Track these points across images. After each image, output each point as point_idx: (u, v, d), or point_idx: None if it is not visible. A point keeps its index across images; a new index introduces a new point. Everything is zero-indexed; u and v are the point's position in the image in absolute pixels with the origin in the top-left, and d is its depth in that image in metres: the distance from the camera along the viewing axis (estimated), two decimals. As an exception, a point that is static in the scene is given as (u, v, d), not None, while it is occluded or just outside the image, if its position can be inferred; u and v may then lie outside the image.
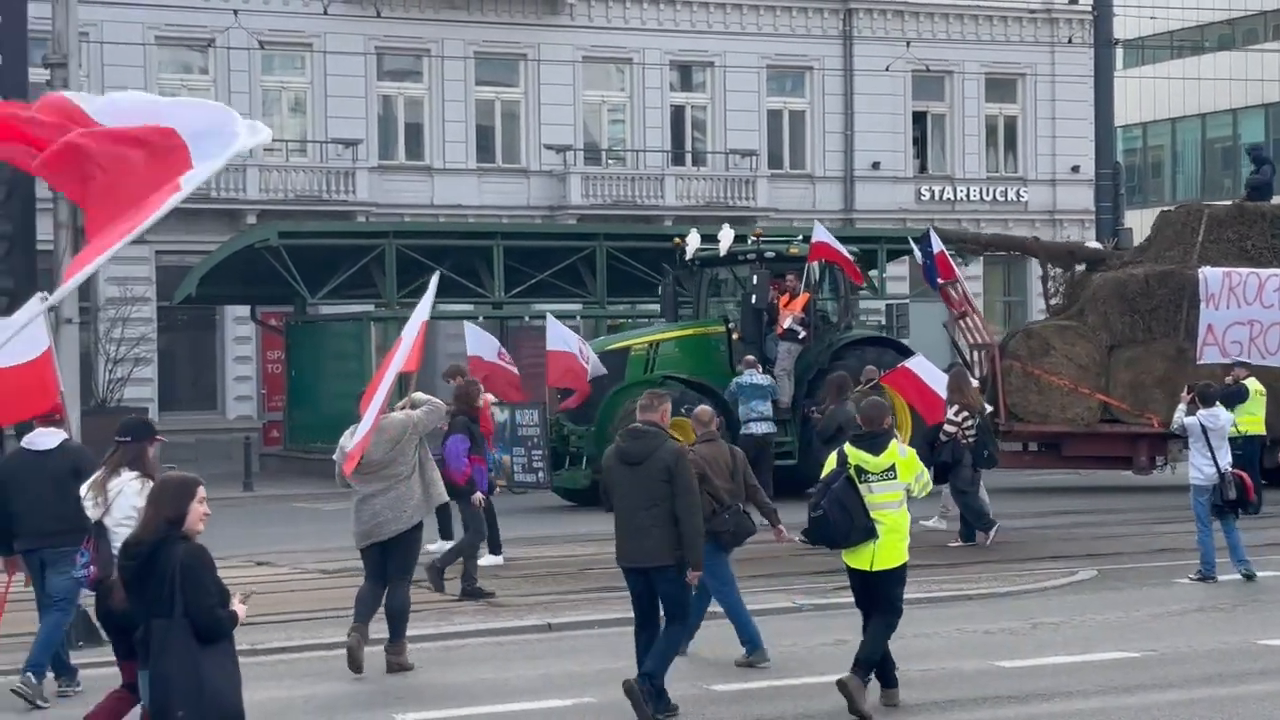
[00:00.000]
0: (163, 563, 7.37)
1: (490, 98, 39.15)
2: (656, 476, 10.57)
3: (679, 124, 41.20)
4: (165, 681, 7.29)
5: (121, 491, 9.31)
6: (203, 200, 34.93)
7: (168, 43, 36.12)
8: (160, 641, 7.32)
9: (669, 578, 10.70)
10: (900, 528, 10.98)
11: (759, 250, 25.09)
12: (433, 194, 38.22)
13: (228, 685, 7.39)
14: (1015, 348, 24.99)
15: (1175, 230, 26.33)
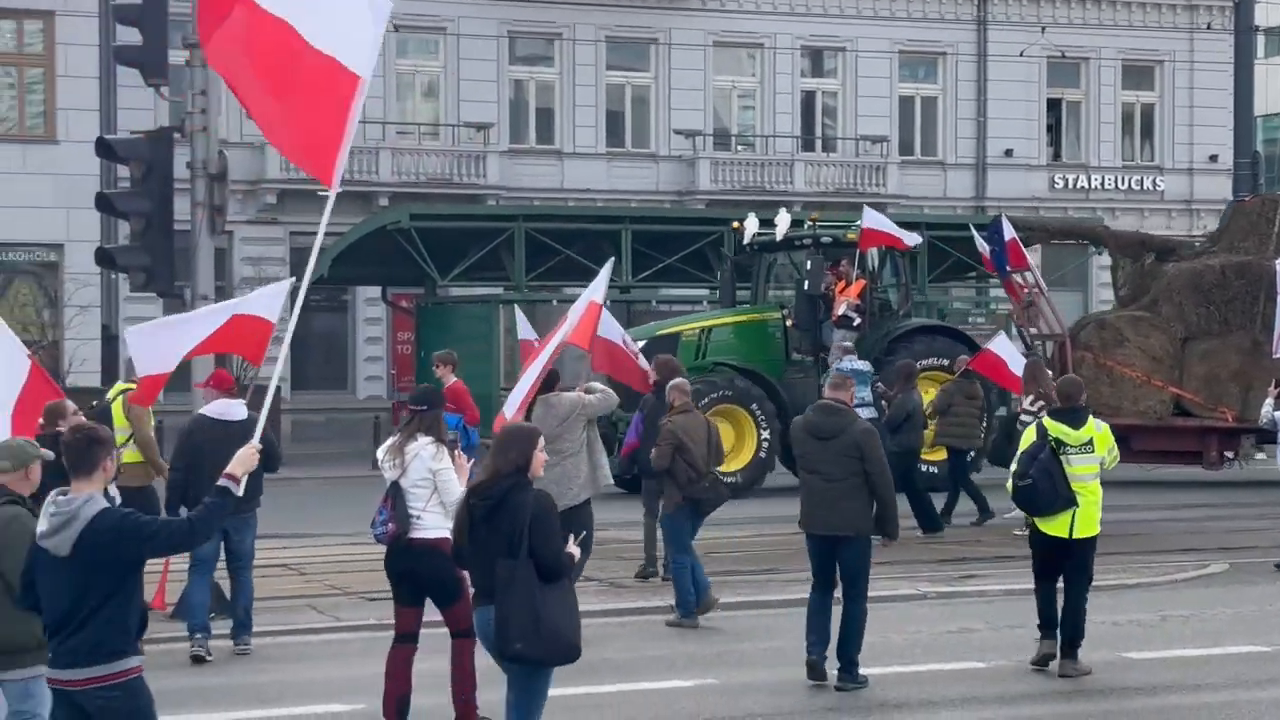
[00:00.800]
0: (511, 506, 7.99)
1: (621, 82, 39.21)
2: (847, 451, 11.17)
3: (809, 110, 41.00)
4: (506, 617, 7.90)
5: (418, 455, 9.93)
6: (336, 182, 35.28)
7: (304, 26, 36.53)
8: (505, 580, 7.92)
9: (854, 548, 11.34)
10: (1096, 499, 11.65)
11: (815, 235, 24.54)
12: (562, 178, 38.36)
13: (566, 622, 8.00)
14: (1087, 338, 24.39)
15: (1250, 221, 25.69)
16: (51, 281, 33.47)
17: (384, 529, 9.99)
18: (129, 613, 6.91)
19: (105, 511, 6.85)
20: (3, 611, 7.54)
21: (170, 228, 14.19)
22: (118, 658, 6.84)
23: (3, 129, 33.34)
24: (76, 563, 6.79)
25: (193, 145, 14.19)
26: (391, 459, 10.03)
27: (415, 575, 9.97)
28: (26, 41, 33.68)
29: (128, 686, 6.88)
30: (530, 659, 8.03)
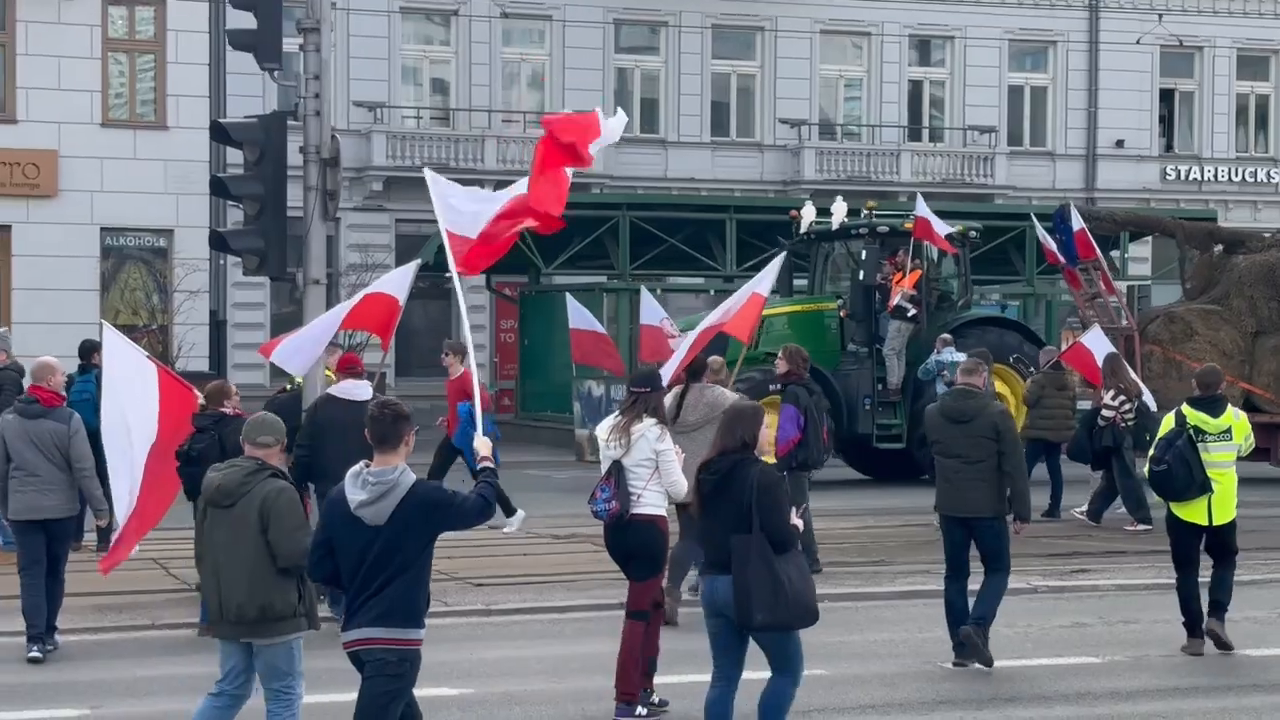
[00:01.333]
0: (738, 481, 8.45)
1: (726, 71, 39.08)
2: (983, 434, 11.38)
3: (916, 99, 40.67)
4: (746, 590, 8.31)
5: (643, 436, 10.23)
6: (440, 170, 35.31)
7: (411, 14, 36.71)
8: (741, 554, 8.34)
9: (991, 529, 11.51)
10: (1232, 485, 12.06)
11: (871, 224, 24.17)
12: (666, 167, 38.30)
13: (803, 587, 8.45)
14: (1156, 332, 23.75)
15: None
16: (161, 267, 33.82)
17: (606, 506, 10.25)
18: (422, 584, 7.39)
19: (419, 483, 7.38)
20: (266, 579, 7.99)
21: (283, 212, 14.25)
22: (408, 625, 7.32)
23: (114, 115, 33.72)
24: (390, 530, 7.26)
25: (306, 129, 14.25)
26: (616, 438, 10.28)
27: (633, 552, 10.24)
28: (138, 28, 34.05)
29: (404, 654, 7.33)
30: (774, 627, 8.44)
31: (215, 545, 8.13)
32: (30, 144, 32.52)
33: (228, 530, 8.06)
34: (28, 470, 11.93)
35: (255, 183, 14.34)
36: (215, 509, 8.13)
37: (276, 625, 8.07)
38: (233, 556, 8.03)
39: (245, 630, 8.09)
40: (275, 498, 8.05)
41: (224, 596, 8.07)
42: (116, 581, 14.58)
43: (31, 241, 32.46)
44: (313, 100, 14.26)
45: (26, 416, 12.02)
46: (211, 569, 8.16)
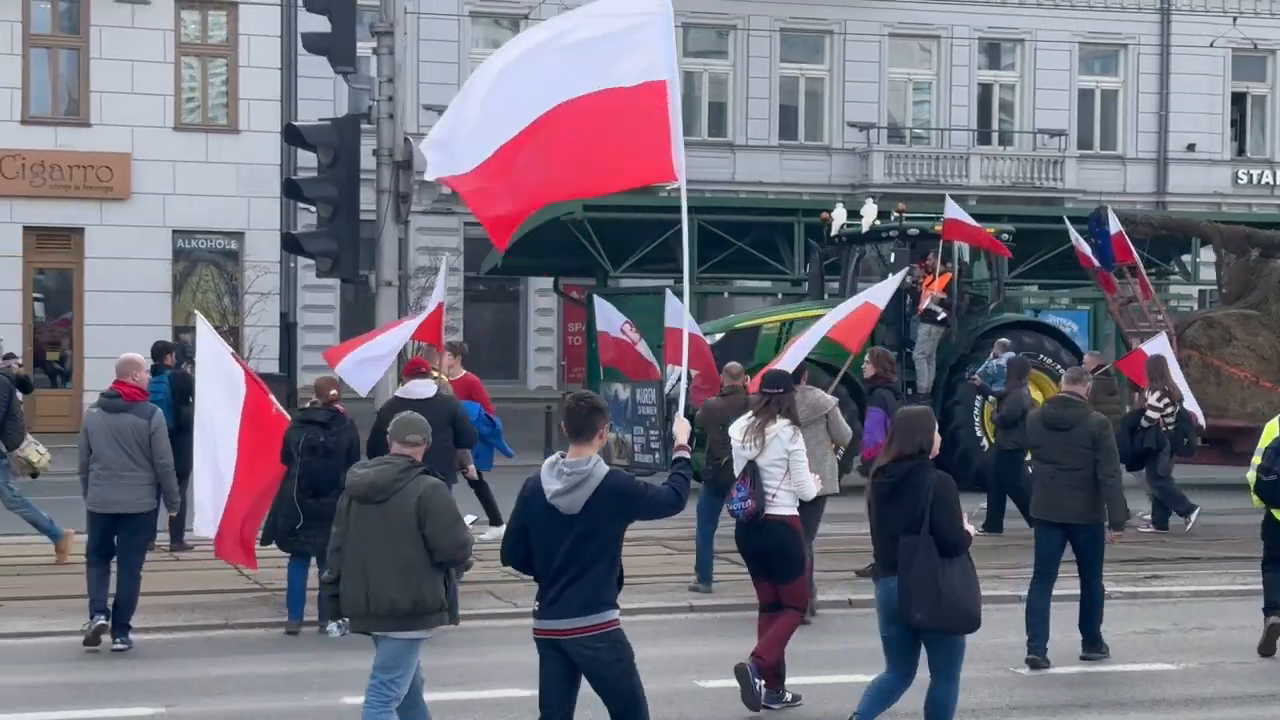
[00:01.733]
0: (914, 485, 8.75)
1: (794, 75, 39.00)
2: (1082, 442, 11.59)
3: (986, 102, 40.46)
4: (908, 589, 8.62)
5: (777, 436, 10.62)
6: (510, 173, 35.56)
7: (481, 18, 36.85)
8: (908, 554, 8.64)
9: (1088, 534, 11.75)
10: None
11: (901, 227, 23.83)
12: (734, 170, 38.27)
13: (966, 594, 8.70)
14: (1194, 337, 23.12)
15: None
16: (232, 269, 34.10)
17: (743, 505, 10.56)
18: (614, 569, 7.62)
19: (613, 473, 7.61)
20: (421, 573, 8.17)
21: (357, 214, 14.34)
22: (603, 610, 7.53)
23: (187, 119, 34.01)
24: (584, 519, 7.50)
25: (379, 132, 14.34)
26: (751, 439, 10.64)
27: (765, 550, 10.62)
28: (210, 32, 34.34)
29: (610, 637, 7.58)
30: (930, 628, 8.71)
31: (364, 540, 8.21)
32: (104, 147, 32.85)
33: (379, 526, 8.17)
34: (105, 464, 12.12)
35: (329, 185, 14.43)
36: (365, 505, 8.23)
37: (424, 619, 8.26)
38: (385, 552, 8.15)
39: (394, 624, 8.21)
40: (431, 494, 8.23)
41: (372, 591, 8.17)
42: (190, 581, 14.74)
43: (104, 244, 32.78)
44: (386, 103, 14.36)
45: (109, 411, 12.20)
46: (358, 564, 8.22)
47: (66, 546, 15.56)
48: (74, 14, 33.37)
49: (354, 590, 8.25)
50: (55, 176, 32.60)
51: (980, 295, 24.45)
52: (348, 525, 8.29)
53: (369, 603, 8.19)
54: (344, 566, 8.32)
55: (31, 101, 32.91)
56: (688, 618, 13.83)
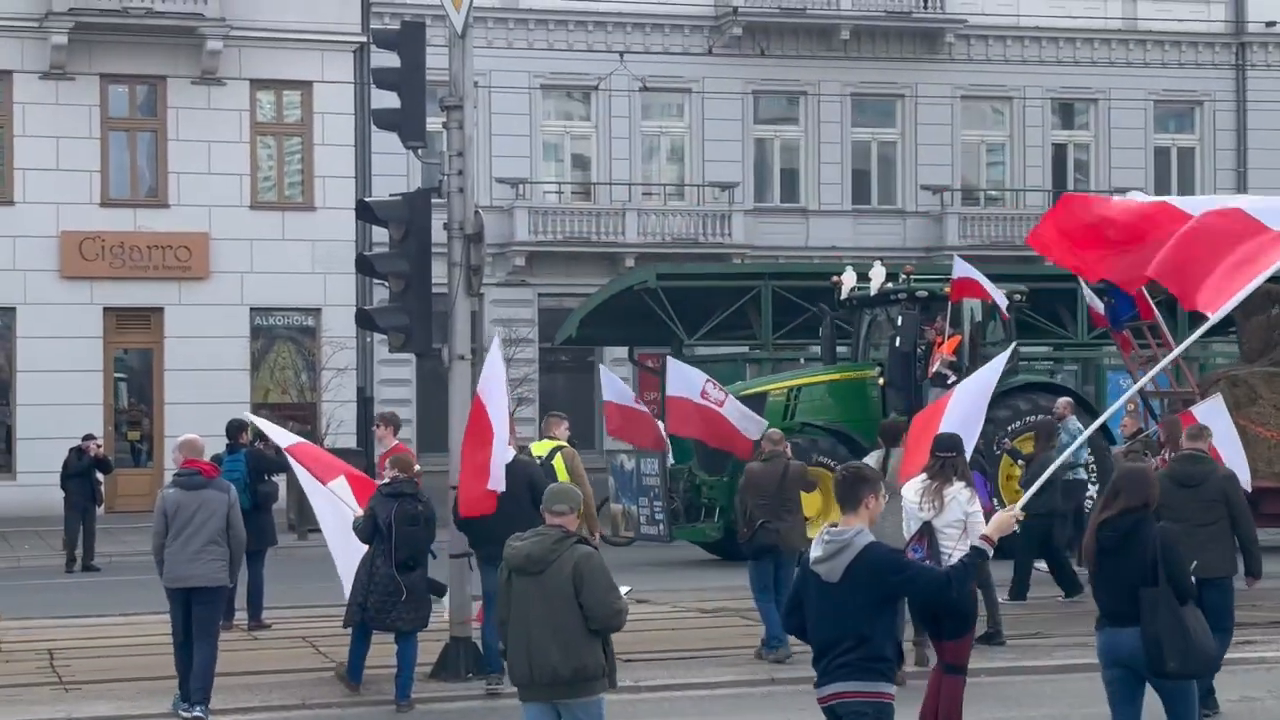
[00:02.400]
0: (1142, 537, 8.96)
1: (866, 139, 38.93)
2: (1212, 497, 12.15)
3: (1060, 162, 40.18)
4: (1157, 640, 8.83)
5: (955, 498, 11.07)
6: (582, 244, 35.66)
7: (552, 90, 37.04)
8: (1150, 606, 8.85)
9: (1221, 588, 12.16)
10: None
11: (910, 289, 23.48)
12: (807, 236, 38.17)
13: (1207, 639, 9.02)
14: None
15: None
16: (309, 345, 34.29)
17: None
18: (886, 641, 7.73)
19: (873, 545, 7.73)
20: (579, 640, 8.33)
21: (428, 289, 14.29)
22: (873, 679, 7.66)
23: (263, 197, 34.33)
24: (844, 588, 7.66)
25: (450, 206, 14.29)
26: (929, 500, 11.12)
27: (941, 608, 10.77)
28: (285, 112, 34.70)
29: (878, 707, 7.69)
30: (1184, 675, 8.95)
31: (524, 611, 8.39)
32: (182, 227, 33.21)
33: (538, 596, 8.35)
34: (185, 540, 12.30)
35: (400, 260, 14.40)
36: (523, 576, 8.40)
37: (587, 685, 8.42)
38: (544, 621, 8.32)
39: (558, 691, 8.39)
40: (586, 562, 8.40)
41: (534, 660, 8.34)
42: (267, 660, 14.68)
43: (183, 323, 33.06)
44: (456, 177, 14.30)
45: (188, 489, 12.42)
46: (521, 634, 8.40)
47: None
48: (151, 97, 33.82)
49: (518, 660, 8.45)
50: (134, 257, 32.96)
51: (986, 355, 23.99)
52: (509, 597, 8.48)
53: (532, 672, 8.37)
54: (508, 638, 8.54)
55: (111, 184, 33.34)
56: (768, 690, 13.61)
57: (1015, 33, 39.18)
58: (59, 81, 32.71)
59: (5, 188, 32.80)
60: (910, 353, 22.98)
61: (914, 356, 22.96)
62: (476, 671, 13.73)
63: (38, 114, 32.65)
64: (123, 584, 21.35)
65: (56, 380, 32.12)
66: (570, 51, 36.62)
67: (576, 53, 36.61)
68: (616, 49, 36.28)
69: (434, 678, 13.76)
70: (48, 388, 32.11)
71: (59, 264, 32.63)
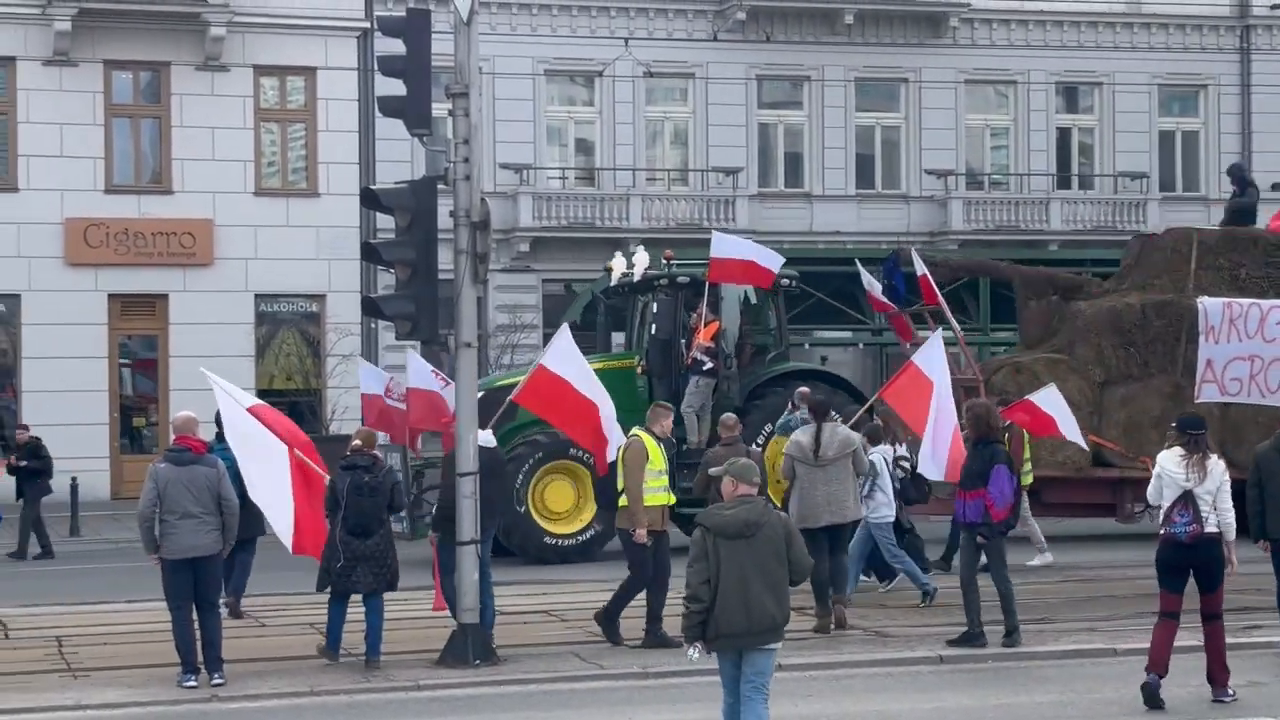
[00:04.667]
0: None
1: (870, 124, 38.87)
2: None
3: (1064, 146, 40.11)
4: None
5: (1213, 469, 12.23)
6: (586, 229, 35.63)
7: (556, 76, 36.99)
8: None
9: None
10: None
11: (670, 274, 22.95)
12: (811, 221, 38.13)
13: None
14: (1002, 383, 22.21)
15: (1164, 256, 23.74)
16: (314, 331, 34.31)
17: (1187, 529, 12.06)
18: None
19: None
20: (786, 591, 9.61)
21: (434, 276, 14.29)
22: None
23: (267, 184, 34.32)
24: None
25: (456, 193, 14.29)
26: (1194, 471, 12.21)
27: (1196, 564, 12.18)
28: (289, 98, 34.68)
29: None
30: None
31: (739, 569, 9.44)
32: (186, 214, 33.22)
33: (751, 556, 9.47)
34: (181, 512, 13.00)
35: (407, 248, 14.41)
36: (734, 540, 9.47)
37: (784, 630, 9.67)
38: (760, 576, 9.45)
39: (767, 638, 9.55)
40: (789, 524, 9.84)
41: (752, 611, 9.44)
42: (273, 647, 14.71)
43: (188, 309, 33.09)
44: (462, 164, 14.29)
45: (179, 464, 13.15)
46: (735, 589, 9.43)
47: None
48: (155, 83, 33.81)
49: (734, 613, 9.45)
50: (139, 244, 32.98)
51: (764, 345, 23.59)
52: (716, 560, 9.46)
53: (750, 621, 9.45)
54: (720, 594, 9.44)
55: (115, 170, 33.35)
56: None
57: (1019, 16, 39.11)
58: (63, 68, 32.71)
59: (9, 174, 32.81)
60: (668, 340, 22.41)
61: (673, 344, 22.35)
62: (484, 658, 13.77)
63: (42, 100, 32.65)
64: (129, 570, 21.36)
65: (62, 367, 32.16)
66: (574, 37, 36.56)
67: (580, 38, 36.55)
68: (620, 34, 36.22)
69: (441, 664, 13.79)
70: (53, 374, 32.14)
71: (63, 251, 32.65)
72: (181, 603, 13.19)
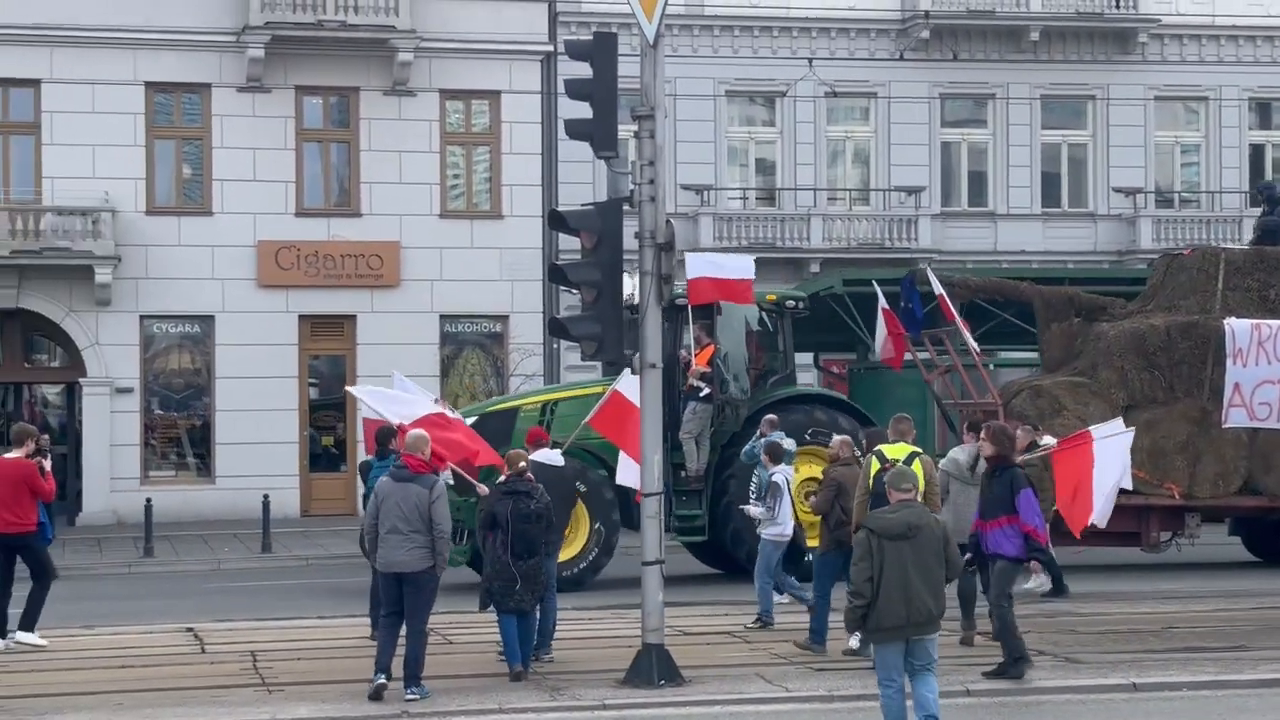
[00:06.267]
0: None
1: (1056, 141, 38.33)
2: None
3: (1257, 164, 39.17)
4: None
5: None
6: (767, 249, 35.57)
7: (736, 96, 37.02)
8: None
9: None
10: None
11: (671, 296, 22.47)
12: (995, 240, 37.69)
13: None
14: (1021, 407, 21.63)
15: (1190, 276, 22.91)
16: (498, 351, 34.69)
17: None
18: None
19: None
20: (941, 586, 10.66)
21: (620, 297, 14.35)
22: None
23: (452, 206, 34.80)
24: None
25: (641, 215, 14.35)
26: None
27: None
28: (474, 121, 35.15)
29: None
30: None
31: (900, 567, 10.48)
32: (373, 236, 33.82)
33: (912, 555, 10.52)
34: (390, 527, 13.31)
35: (593, 269, 14.49)
36: (897, 541, 10.51)
37: (940, 622, 10.67)
38: (920, 573, 10.51)
39: (925, 629, 10.60)
40: (946, 527, 10.91)
41: (912, 604, 10.48)
42: (460, 665, 14.86)
43: (375, 330, 33.66)
44: (647, 186, 14.34)
45: (397, 480, 13.49)
46: (898, 585, 10.46)
47: None
48: (344, 108, 34.49)
49: (895, 606, 10.48)
50: (328, 266, 33.63)
51: (771, 369, 22.95)
52: (880, 559, 10.49)
53: (909, 614, 10.49)
54: (882, 590, 10.46)
55: (305, 194, 34.04)
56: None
57: (1210, 31, 38.32)
58: (255, 94, 33.49)
59: (204, 199, 33.65)
60: (665, 366, 21.73)
61: (672, 369, 21.39)
62: (668, 679, 13.78)
63: (235, 126, 33.46)
64: (320, 587, 21.76)
65: (254, 386, 32.89)
66: (755, 58, 36.57)
67: (761, 59, 36.55)
68: (802, 54, 36.15)
69: (626, 684, 13.83)
70: (245, 394, 32.89)
71: (256, 273, 33.40)
72: (389, 610, 13.45)
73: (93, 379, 32.93)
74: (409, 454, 13.64)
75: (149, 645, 16.46)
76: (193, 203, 33.71)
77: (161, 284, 33.00)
